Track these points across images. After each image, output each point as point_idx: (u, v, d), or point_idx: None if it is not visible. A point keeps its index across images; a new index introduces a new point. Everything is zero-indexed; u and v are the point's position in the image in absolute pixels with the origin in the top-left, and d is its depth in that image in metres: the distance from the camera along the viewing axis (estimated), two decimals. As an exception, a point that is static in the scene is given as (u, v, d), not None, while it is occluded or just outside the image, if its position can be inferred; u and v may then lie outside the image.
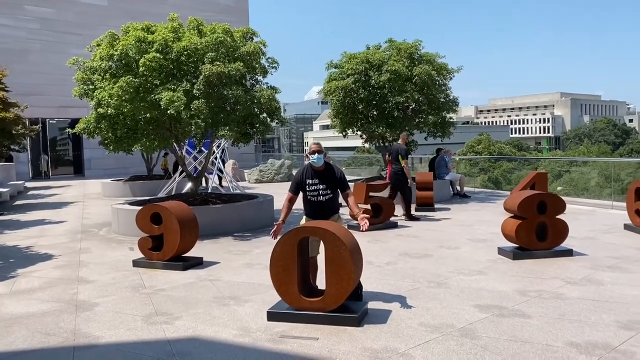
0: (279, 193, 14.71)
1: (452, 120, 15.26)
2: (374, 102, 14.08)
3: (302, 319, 4.86)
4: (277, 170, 22.88)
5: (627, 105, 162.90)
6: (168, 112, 9.08)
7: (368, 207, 10.13)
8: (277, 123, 11.57)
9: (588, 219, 10.70)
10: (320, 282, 5.30)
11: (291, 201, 5.48)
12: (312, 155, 5.48)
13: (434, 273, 6.66)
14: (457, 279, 6.34)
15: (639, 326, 4.62)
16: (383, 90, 13.62)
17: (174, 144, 10.92)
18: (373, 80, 13.51)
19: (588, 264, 6.90)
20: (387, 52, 14.26)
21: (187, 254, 7.56)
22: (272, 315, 4.99)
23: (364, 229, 5.05)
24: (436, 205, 12.79)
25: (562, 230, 7.40)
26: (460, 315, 5.01)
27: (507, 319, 4.89)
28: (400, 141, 11.48)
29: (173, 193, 13.68)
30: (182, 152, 12.67)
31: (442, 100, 14.37)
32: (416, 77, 13.41)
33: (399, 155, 11.06)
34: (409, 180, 11.11)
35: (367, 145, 19.28)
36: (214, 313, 5.29)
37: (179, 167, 14.06)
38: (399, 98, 13.40)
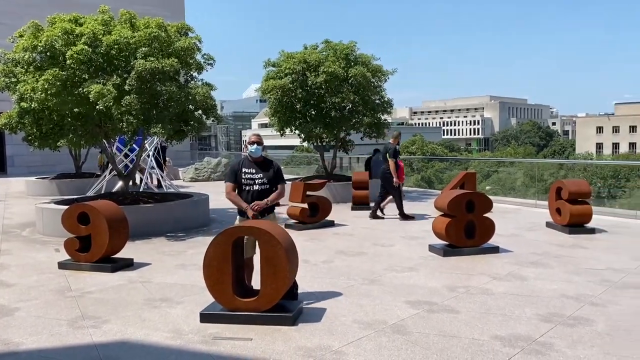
0: (216, 192, 14.50)
1: (386, 121, 15.57)
2: (312, 102, 14.15)
3: (236, 320, 4.81)
4: (213, 169, 22.53)
5: (551, 109, 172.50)
6: (97, 107, 8.73)
7: (305, 206, 10.17)
8: (212, 120, 11.39)
9: (514, 217, 11.24)
10: (256, 283, 5.26)
11: (235, 189, 5.42)
12: (251, 146, 5.46)
13: (368, 270, 6.78)
14: (391, 276, 6.48)
15: (558, 319, 4.90)
16: (320, 91, 13.71)
17: (104, 141, 10.51)
18: (310, 81, 13.57)
19: (513, 260, 7.24)
20: (324, 53, 14.37)
21: (117, 256, 7.29)
22: (205, 317, 4.90)
23: (250, 215, 5.21)
24: (372, 204, 13.00)
25: (489, 228, 7.73)
26: (393, 312, 5.13)
27: (436, 314, 5.06)
28: (391, 140, 11.51)
29: (103, 192, 13.16)
30: (112, 150, 12.20)
31: (377, 101, 14.66)
32: (352, 78, 13.59)
33: (387, 154, 11.19)
34: (394, 180, 11.08)
35: (306, 144, 19.36)
36: (144, 316, 5.14)
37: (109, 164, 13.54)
38: (336, 99, 13.54)
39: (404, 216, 11.12)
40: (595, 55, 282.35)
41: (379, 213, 11.51)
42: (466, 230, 7.62)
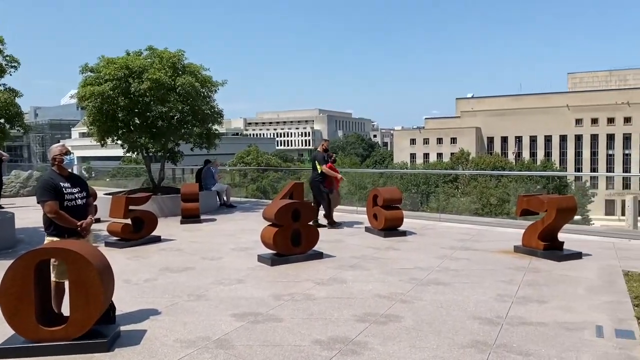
0: (26, 209, 12.97)
1: (217, 131, 15.44)
2: (136, 111, 13.45)
3: (41, 352, 4.32)
4: (22, 183, 20.15)
5: (372, 122, 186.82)
6: None
7: (128, 221, 9.59)
8: (18, 130, 10.20)
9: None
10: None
11: (59, 207, 4.84)
12: (66, 157, 5.00)
13: (194, 286, 6.60)
14: (217, 290, 6.39)
15: (372, 318, 5.27)
16: (145, 99, 13.09)
17: None
18: (133, 88, 12.88)
19: (335, 265, 7.64)
20: (149, 60, 13.77)
21: None
22: (3, 352, 4.32)
23: (84, 234, 4.98)
24: (202, 217, 12.75)
25: (314, 235, 8.07)
26: (218, 327, 5.05)
27: (261, 324, 5.10)
28: (319, 149, 11.52)
29: None
30: None
31: (207, 111, 14.44)
32: (180, 88, 13.22)
33: (316, 163, 11.11)
34: (335, 184, 11.41)
35: (131, 155, 18.27)
36: None
37: None
38: (163, 108, 13.05)
39: (333, 224, 11.15)
40: (407, 74, 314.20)
41: (320, 221, 11.47)
42: (293, 238, 7.85)
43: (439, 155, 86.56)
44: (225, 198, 15.27)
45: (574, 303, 5.69)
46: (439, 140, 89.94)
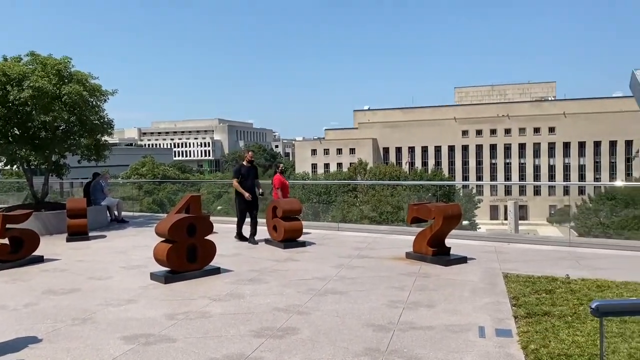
0: None
1: (107, 142, 14.67)
2: (16, 120, 12.43)
3: None
4: None
5: (274, 132, 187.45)
6: None
7: (5, 241, 8.79)
8: None
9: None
10: None
11: None
12: None
13: (80, 308, 6.17)
14: (106, 312, 6.03)
15: (269, 332, 5.24)
16: (26, 108, 12.14)
17: None
18: (12, 96, 11.89)
19: (233, 279, 7.52)
20: (30, 66, 12.80)
21: None
22: None
23: None
24: (91, 233, 12.01)
25: (210, 250, 7.89)
26: (105, 351, 4.76)
27: (153, 346, 4.88)
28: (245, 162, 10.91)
29: None
30: None
31: (96, 122, 13.68)
32: (65, 97, 12.40)
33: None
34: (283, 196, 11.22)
35: (14, 168, 16.79)
36: None
37: None
38: (46, 117, 12.16)
39: (240, 236, 10.72)
40: (308, 85, 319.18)
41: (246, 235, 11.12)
42: (188, 254, 7.62)
43: (339, 165, 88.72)
44: (116, 213, 14.49)
45: (460, 306, 6.05)
46: (339, 151, 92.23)
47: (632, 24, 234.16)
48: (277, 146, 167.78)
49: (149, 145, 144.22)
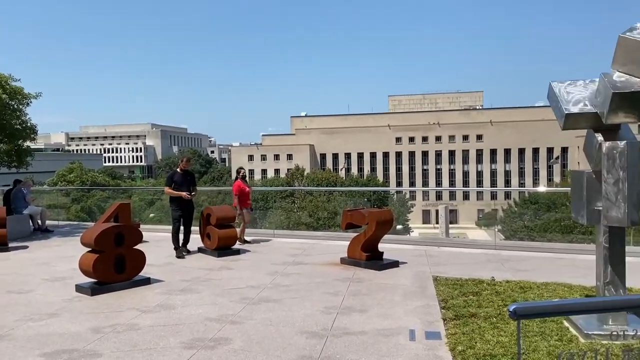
0: None
1: (29, 148, 13.92)
2: None
3: None
4: None
5: (209, 138, 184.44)
6: None
7: None
8: None
9: (169, 244, 11.38)
10: None
11: None
12: None
13: (-4, 325, 5.80)
14: (25, 327, 5.69)
15: (200, 343, 5.12)
16: (-64, 111, 11.32)
17: None
18: None
19: (164, 290, 7.30)
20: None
21: None
22: None
23: None
24: (12, 244, 11.31)
25: (139, 259, 7.63)
26: (23, 370, 4.49)
27: (76, 362, 4.66)
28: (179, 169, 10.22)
29: None
30: None
31: (17, 126, 12.97)
32: (-18, 99, 11.68)
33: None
34: (245, 203, 11.08)
35: None
36: None
37: None
38: (-41, 121, 11.40)
39: (177, 249, 10.05)
40: (245, 90, 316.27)
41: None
42: (116, 264, 7.34)
43: (277, 171, 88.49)
44: (39, 222, 13.74)
45: (391, 310, 6.17)
46: (276, 157, 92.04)
47: (552, 37, 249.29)
48: (212, 152, 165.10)
49: (77, 150, 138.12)
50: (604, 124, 5.26)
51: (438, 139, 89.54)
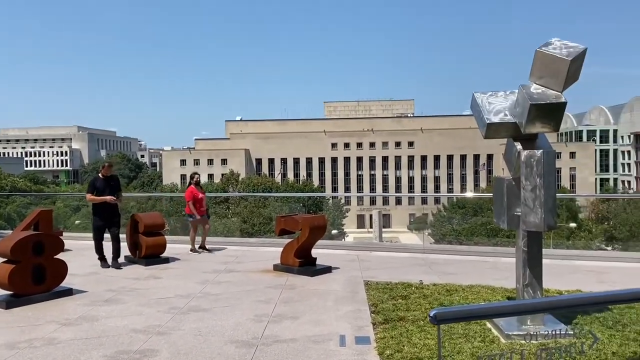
0: None
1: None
2: None
3: None
4: None
5: (139, 142, 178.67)
6: None
7: None
8: None
9: (93, 254, 10.89)
10: None
11: None
12: None
13: None
14: None
15: (125, 356, 4.92)
16: None
17: None
18: None
19: (87, 301, 6.96)
20: None
21: None
22: None
23: None
24: None
25: (61, 269, 7.24)
26: None
27: (-15, 382, 4.35)
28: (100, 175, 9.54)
29: None
30: None
31: None
32: None
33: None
34: (196, 210, 10.77)
35: None
36: None
37: None
38: None
39: (102, 259, 9.36)
40: (177, 93, 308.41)
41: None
42: (34, 275, 6.92)
43: (210, 176, 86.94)
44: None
45: (323, 316, 6.19)
46: (210, 162, 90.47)
47: (478, 48, 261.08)
48: (142, 156, 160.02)
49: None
50: (522, 133, 5.54)
51: (372, 145, 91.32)
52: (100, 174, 9.58)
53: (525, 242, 5.58)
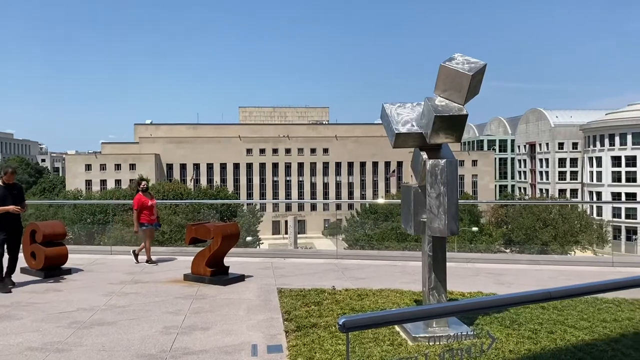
0: None
1: None
2: None
3: None
4: None
5: (40, 145, 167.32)
6: None
7: None
8: None
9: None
10: None
11: None
12: None
13: None
14: None
15: (17, 377, 4.57)
16: None
17: None
18: None
19: (-25, 319, 6.39)
20: None
21: None
22: None
23: None
24: None
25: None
26: None
27: None
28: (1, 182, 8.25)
29: None
30: None
31: None
32: None
33: None
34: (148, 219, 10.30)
35: None
36: None
37: None
38: None
39: (1, 280, 8.12)
40: (83, 95, 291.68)
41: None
42: None
43: (118, 181, 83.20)
44: None
45: (234, 325, 6.10)
46: (118, 166, 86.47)
47: (388, 60, 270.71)
48: (44, 160, 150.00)
49: None
50: (428, 143, 5.80)
51: (288, 151, 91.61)
52: (1, 182, 8.72)
53: (430, 247, 5.84)
